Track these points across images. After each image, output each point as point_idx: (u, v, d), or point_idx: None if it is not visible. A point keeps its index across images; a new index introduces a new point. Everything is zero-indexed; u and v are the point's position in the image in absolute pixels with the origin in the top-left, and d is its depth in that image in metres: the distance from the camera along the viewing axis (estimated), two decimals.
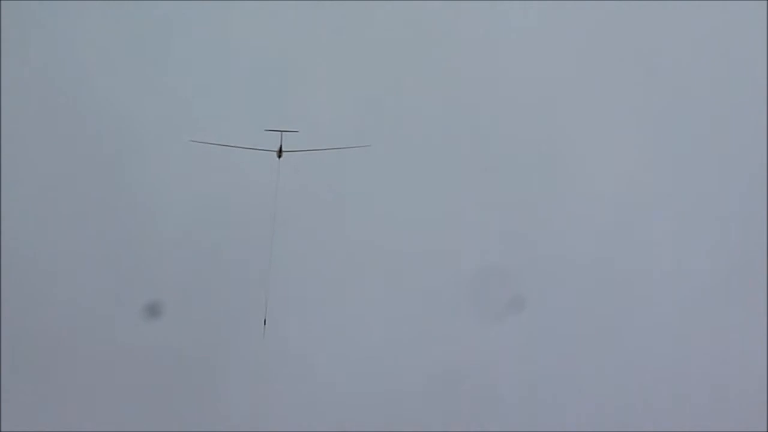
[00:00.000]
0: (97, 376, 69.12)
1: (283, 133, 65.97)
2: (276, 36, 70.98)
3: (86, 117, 69.78)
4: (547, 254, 72.15)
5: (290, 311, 69.27)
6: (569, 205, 72.62)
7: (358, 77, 71.32)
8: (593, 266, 72.49)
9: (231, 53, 70.88)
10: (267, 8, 71.10)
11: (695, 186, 73.59)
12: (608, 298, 72.38)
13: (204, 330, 69.44)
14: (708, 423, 71.45)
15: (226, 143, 65.93)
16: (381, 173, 70.73)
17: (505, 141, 72.44)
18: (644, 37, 73.51)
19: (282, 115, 68.53)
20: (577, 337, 72.02)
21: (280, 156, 65.40)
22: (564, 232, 72.55)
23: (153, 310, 68.03)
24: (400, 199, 71.12)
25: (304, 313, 69.87)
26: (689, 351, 72.33)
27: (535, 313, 71.63)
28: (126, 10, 70.89)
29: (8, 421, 68.26)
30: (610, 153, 72.90)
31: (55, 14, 70.64)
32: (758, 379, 71.76)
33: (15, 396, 68.20)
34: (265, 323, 66.10)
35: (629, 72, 73.49)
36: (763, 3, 73.47)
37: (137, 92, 70.05)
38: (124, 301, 68.85)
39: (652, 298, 72.80)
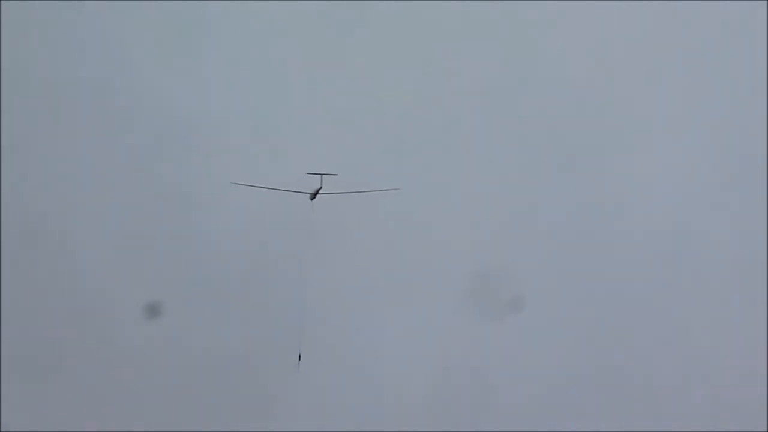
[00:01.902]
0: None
1: (323, 176, 70.10)
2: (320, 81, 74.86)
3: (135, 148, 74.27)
4: (547, 253, 73.61)
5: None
6: (569, 204, 73.92)
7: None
8: (593, 266, 73.50)
9: (280, 101, 75.10)
10: (312, 53, 75.00)
11: (696, 183, 73.93)
12: (609, 298, 73.09)
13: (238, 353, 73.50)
14: (709, 423, 71.60)
15: (266, 185, 70.50)
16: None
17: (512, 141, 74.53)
18: (677, 32, 74.40)
19: (325, 159, 72.37)
20: (578, 337, 72.79)
21: (313, 198, 70.09)
22: (564, 232, 73.80)
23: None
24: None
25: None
26: (692, 350, 72.59)
27: (534, 312, 72.90)
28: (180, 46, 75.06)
29: (8, 421, 70.32)
30: (611, 152, 73.81)
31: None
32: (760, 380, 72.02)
33: (15, 396, 70.14)
34: (300, 358, 70.39)
35: (634, 71, 74.67)
36: (763, 3, 74.43)
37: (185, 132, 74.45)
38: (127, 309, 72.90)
39: (653, 298, 73.13)
